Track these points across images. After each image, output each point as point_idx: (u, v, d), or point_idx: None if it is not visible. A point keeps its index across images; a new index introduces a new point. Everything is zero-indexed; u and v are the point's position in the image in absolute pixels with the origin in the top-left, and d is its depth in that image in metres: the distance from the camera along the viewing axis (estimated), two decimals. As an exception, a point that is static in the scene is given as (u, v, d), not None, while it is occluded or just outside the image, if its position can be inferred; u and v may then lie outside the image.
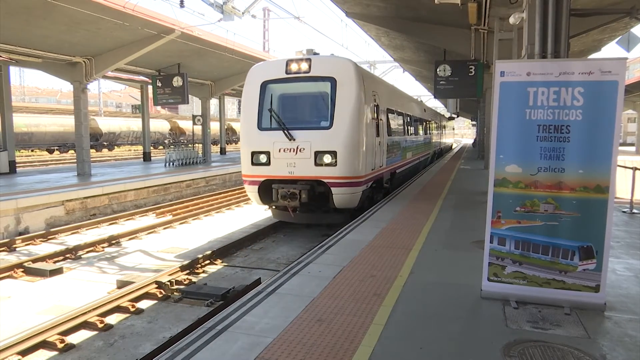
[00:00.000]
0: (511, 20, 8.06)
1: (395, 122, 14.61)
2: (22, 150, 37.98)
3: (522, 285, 4.77)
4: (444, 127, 35.94)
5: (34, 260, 9.29)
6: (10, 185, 15.50)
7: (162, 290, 7.59)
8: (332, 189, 9.91)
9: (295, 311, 4.63)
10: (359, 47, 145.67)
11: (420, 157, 21.24)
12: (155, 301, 7.37)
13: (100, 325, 6.38)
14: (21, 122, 34.06)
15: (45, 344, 5.85)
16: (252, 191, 10.70)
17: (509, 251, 4.80)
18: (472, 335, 4.12)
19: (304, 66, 10.16)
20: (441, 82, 15.40)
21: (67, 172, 20.15)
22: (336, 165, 9.79)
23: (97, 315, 6.60)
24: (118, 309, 6.95)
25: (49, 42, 16.37)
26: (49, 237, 11.80)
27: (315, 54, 10.81)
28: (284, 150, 10.05)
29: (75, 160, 20.42)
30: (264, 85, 10.52)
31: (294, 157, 9.99)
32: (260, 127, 10.44)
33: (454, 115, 42.29)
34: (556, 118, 4.53)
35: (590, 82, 4.41)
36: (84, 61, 18.41)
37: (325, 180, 9.92)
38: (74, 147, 23.54)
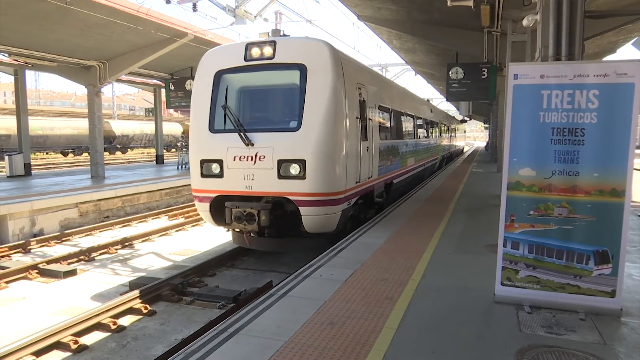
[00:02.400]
0: (524, 22, 7.99)
1: (391, 123, 12.37)
2: (37, 153, 38.44)
3: (536, 289, 4.72)
4: (455, 129, 34.75)
5: (49, 262, 9.41)
6: (25, 187, 15.70)
7: (174, 292, 7.63)
8: (301, 208, 7.77)
9: (307, 314, 4.63)
10: (371, 50, 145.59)
11: (426, 163, 18.85)
12: (167, 303, 7.41)
13: (113, 327, 6.43)
14: (36, 125, 34.52)
15: (59, 345, 5.90)
16: (203, 210, 8.56)
17: (522, 255, 4.76)
18: (486, 340, 4.08)
19: (267, 51, 8.08)
20: (453, 85, 15.32)
21: (81, 175, 20.36)
22: (305, 178, 7.61)
23: (110, 317, 6.65)
24: (131, 311, 7.00)
25: (64, 46, 16.58)
26: (63, 239, 11.93)
27: (284, 36, 8.77)
28: (240, 159, 7.92)
29: (89, 163, 20.64)
30: (218, 76, 8.44)
31: (252, 168, 7.86)
32: (212, 129, 8.30)
33: (466, 118, 41.93)
34: (570, 121, 4.49)
35: (605, 84, 4.36)
36: (97, 65, 18.61)
37: (292, 198, 7.78)
38: (88, 149, 23.79)
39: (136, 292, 7.36)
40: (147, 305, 7.13)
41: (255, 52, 8.16)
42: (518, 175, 4.70)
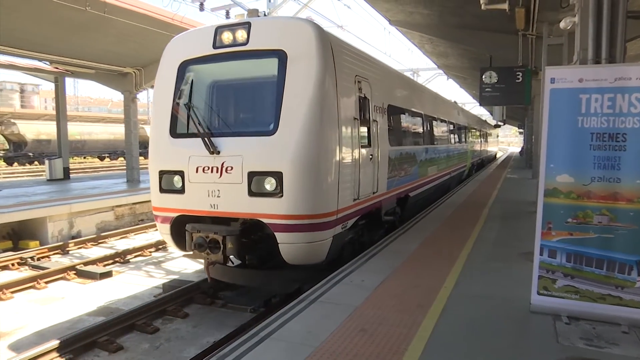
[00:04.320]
0: (562, 24, 7.79)
1: (407, 127, 10.80)
2: (75, 157, 39.69)
3: (575, 300, 4.57)
4: (487, 134, 33.37)
5: (86, 264, 9.69)
6: (64, 190, 16.22)
7: (206, 295, 7.71)
8: (278, 234, 6.12)
9: (338, 320, 4.60)
10: (402, 54, 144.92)
11: (452, 171, 16.76)
12: (200, 306, 7.51)
13: (147, 328, 6.55)
14: (75, 131, 35.70)
15: (95, 344, 6.06)
16: (164, 232, 7.06)
17: (560, 264, 4.62)
18: (521, 351, 3.98)
19: (240, 35, 6.55)
20: (487, 89, 15.05)
21: (117, 179, 20.91)
22: (282, 195, 6.01)
23: (145, 318, 6.78)
24: (164, 313, 7.12)
25: (102, 53, 17.09)
26: (100, 241, 12.26)
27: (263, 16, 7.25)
28: (204, 170, 6.40)
29: (124, 167, 21.18)
30: (182, 68, 6.96)
31: (217, 182, 6.32)
32: (173, 133, 6.86)
33: (500, 123, 41.02)
34: (611, 126, 4.34)
35: (649, 87, 4.20)
36: (133, 72, 19.11)
37: (266, 221, 6.15)
38: (124, 154, 24.39)
39: (169, 295, 7.49)
40: (180, 308, 7.24)
41: (226, 37, 6.65)
42: (555, 181, 4.58)
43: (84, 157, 42.93)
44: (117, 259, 10.31)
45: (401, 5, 13.38)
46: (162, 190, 6.84)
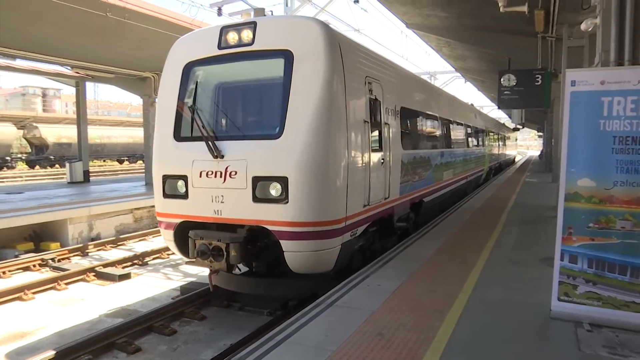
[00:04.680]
0: (583, 26, 7.67)
1: (421, 129, 10.49)
2: (94, 161, 40.31)
3: (597, 306, 4.47)
4: (505, 138, 32.89)
5: (105, 265, 9.83)
6: (84, 193, 16.47)
7: (224, 298, 7.74)
8: (283, 242, 5.90)
9: (355, 324, 4.58)
10: (419, 57, 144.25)
11: (468, 175, 16.41)
12: (217, 308, 7.54)
13: (165, 330, 6.60)
14: (95, 134, 36.26)
15: (114, 346, 6.12)
16: (167, 238, 6.96)
17: (581, 270, 4.53)
18: (542, 358, 3.91)
19: (246, 35, 6.36)
20: (505, 92, 14.87)
21: (136, 182, 21.16)
22: (287, 201, 5.79)
23: (162, 320, 6.84)
24: (182, 315, 7.17)
25: (121, 59, 17.34)
26: (119, 243, 12.43)
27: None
28: (208, 175, 6.22)
29: (143, 170, 21.44)
30: (187, 69, 6.83)
31: (221, 187, 6.14)
32: (177, 137, 6.71)
33: (519, 127, 40.51)
34: (635, 129, 4.26)
35: (674, 90, 4.12)
36: (152, 76, 19.34)
37: (271, 228, 5.94)
38: (143, 157, 24.70)
39: (187, 297, 7.54)
40: (198, 310, 7.29)
41: (231, 37, 6.46)
42: (576, 185, 4.50)
43: (104, 160, 43.56)
44: (135, 261, 10.43)
45: (418, 9, 13.33)
46: (165, 195, 6.69)
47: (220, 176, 6.11)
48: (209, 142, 6.16)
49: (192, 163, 6.35)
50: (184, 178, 6.42)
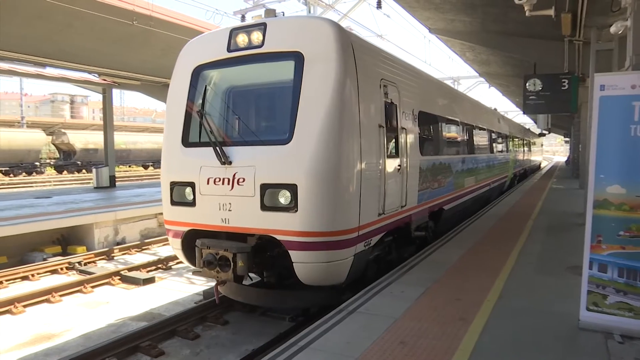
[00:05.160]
0: (612, 29, 7.50)
1: (441, 135, 10.01)
2: (120, 166, 41.08)
3: (629, 317, 4.34)
4: (531, 143, 32.18)
5: (130, 269, 9.97)
6: (110, 198, 16.78)
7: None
8: (292, 253, 5.63)
9: (377, 332, 4.54)
10: (443, 62, 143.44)
11: (492, 182, 15.90)
12: (240, 313, 7.57)
13: (188, 334, 6.65)
14: (120, 140, 37.00)
15: (138, 349, 6.19)
16: (175, 247, 6.74)
17: (611, 279, 4.41)
18: (570, 370, 3.81)
19: (256, 37, 6.15)
20: (531, 97, 14.63)
21: (160, 187, 21.44)
22: (296, 210, 5.53)
23: (186, 325, 6.89)
24: (205, 319, 7.21)
25: (147, 66, 17.68)
26: (143, 247, 12.61)
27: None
28: (215, 182, 6.02)
29: (167, 176, 21.72)
30: (196, 73, 6.64)
31: (228, 194, 5.92)
32: (185, 142, 6.56)
33: (544, 132, 39.72)
34: (667, 134, 4.14)
35: None
36: (177, 83, 19.65)
37: (279, 238, 5.69)
38: (167, 163, 25.02)
39: (210, 301, 7.59)
40: (220, 315, 7.32)
41: (241, 39, 6.26)
42: (606, 192, 4.39)
43: (129, 166, 44.37)
44: (159, 266, 10.56)
45: (442, 14, 13.25)
46: (173, 202, 6.55)
47: (228, 183, 5.92)
48: (217, 148, 5.97)
49: (199, 169, 6.18)
50: (192, 185, 6.28)
